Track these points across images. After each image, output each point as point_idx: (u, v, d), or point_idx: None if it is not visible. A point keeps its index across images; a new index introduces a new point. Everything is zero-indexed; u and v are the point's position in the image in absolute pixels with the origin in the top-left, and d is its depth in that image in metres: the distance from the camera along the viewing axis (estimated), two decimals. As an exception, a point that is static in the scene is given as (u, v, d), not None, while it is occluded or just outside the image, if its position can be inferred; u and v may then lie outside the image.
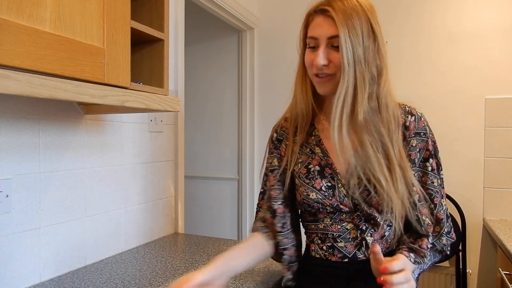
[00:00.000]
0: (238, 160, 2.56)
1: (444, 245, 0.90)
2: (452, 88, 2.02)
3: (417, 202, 0.86)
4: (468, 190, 1.99)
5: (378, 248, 0.74)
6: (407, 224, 0.89)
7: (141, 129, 1.47)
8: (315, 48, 0.87)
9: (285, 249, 0.95)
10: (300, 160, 0.95)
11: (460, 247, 1.92)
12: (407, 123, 0.89)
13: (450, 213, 0.93)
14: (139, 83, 0.98)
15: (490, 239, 1.96)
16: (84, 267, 1.20)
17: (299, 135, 0.96)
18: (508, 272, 1.45)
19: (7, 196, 0.98)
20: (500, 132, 1.93)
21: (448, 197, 1.95)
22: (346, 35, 0.81)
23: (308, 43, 0.88)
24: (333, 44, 0.84)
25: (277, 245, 0.96)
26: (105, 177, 1.29)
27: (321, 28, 0.84)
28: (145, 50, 1.09)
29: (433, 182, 0.89)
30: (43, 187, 1.08)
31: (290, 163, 0.96)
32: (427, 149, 0.90)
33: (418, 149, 0.89)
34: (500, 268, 1.55)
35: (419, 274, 0.93)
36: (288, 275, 0.96)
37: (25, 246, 1.03)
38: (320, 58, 0.84)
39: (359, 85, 0.82)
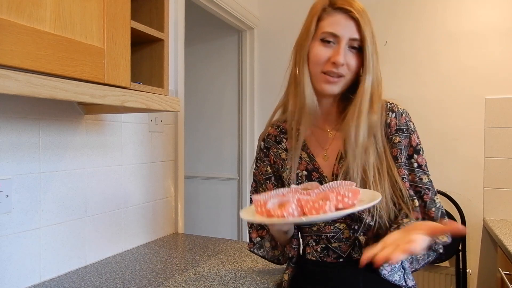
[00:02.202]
0: (238, 160, 2.56)
1: (437, 243, 0.89)
2: (452, 88, 2.02)
3: (395, 199, 0.86)
4: (468, 190, 1.98)
5: (363, 263, 0.69)
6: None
7: (141, 129, 1.47)
8: (330, 44, 0.85)
9: (292, 250, 0.97)
10: (288, 166, 0.95)
11: (460, 247, 1.92)
12: (388, 120, 0.90)
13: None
14: (139, 83, 0.98)
15: (490, 239, 1.96)
16: (84, 267, 1.20)
17: (302, 133, 0.93)
18: (508, 272, 1.45)
19: (7, 196, 0.98)
20: (500, 132, 1.93)
21: (448, 197, 1.95)
22: (369, 40, 0.83)
23: (322, 37, 0.86)
24: (352, 45, 0.85)
25: (283, 250, 1.01)
26: (105, 177, 1.29)
27: (344, 28, 0.84)
28: (145, 50, 1.09)
29: (421, 179, 0.88)
30: (43, 187, 1.08)
31: (281, 168, 0.97)
32: (411, 145, 0.89)
33: (403, 146, 0.88)
34: (500, 268, 1.55)
35: (413, 271, 0.94)
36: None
37: (25, 246, 1.03)
38: (341, 56, 0.83)
39: (375, 90, 0.86)
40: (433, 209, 0.87)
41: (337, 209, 0.68)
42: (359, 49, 0.85)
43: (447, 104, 2.02)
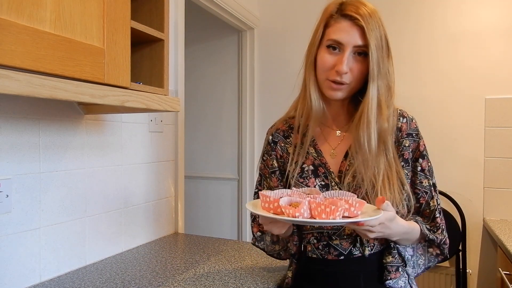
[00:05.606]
0: (238, 160, 2.56)
1: (446, 244, 0.93)
2: (452, 88, 2.02)
3: (403, 201, 0.89)
4: (468, 190, 1.98)
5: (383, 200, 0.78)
6: None
7: (141, 129, 1.47)
8: (335, 51, 0.87)
9: (294, 247, 0.98)
10: (294, 161, 0.96)
11: (460, 247, 1.92)
12: (399, 125, 0.93)
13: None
14: (139, 83, 0.98)
15: (490, 239, 1.96)
16: (84, 267, 1.20)
17: (309, 134, 0.95)
18: (508, 272, 1.45)
19: (7, 196, 0.98)
20: (500, 132, 1.93)
21: (448, 197, 1.95)
22: (375, 47, 0.83)
23: (328, 44, 0.87)
24: (358, 51, 0.86)
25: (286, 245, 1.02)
26: (105, 177, 1.29)
27: (349, 35, 0.85)
28: (145, 50, 1.09)
29: (421, 182, 0.92)
30: (43, 187, 1.08)
31: (287, 163, 0.98)
32: (418, 150, 0.93)
33: (410, 149, 0.92)
34: (500, 268, 1.55)
35: (417, 275, 0.94)
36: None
37: (25, 246, 1.03)
38: (344, 65, 0.84)
39: (383, 97, 0.86)
40: (427, 210, 0.93)
41: (343, 216, 0.73)
42: (366, 55, 0.85)
43: (447, 104, 2.02)
